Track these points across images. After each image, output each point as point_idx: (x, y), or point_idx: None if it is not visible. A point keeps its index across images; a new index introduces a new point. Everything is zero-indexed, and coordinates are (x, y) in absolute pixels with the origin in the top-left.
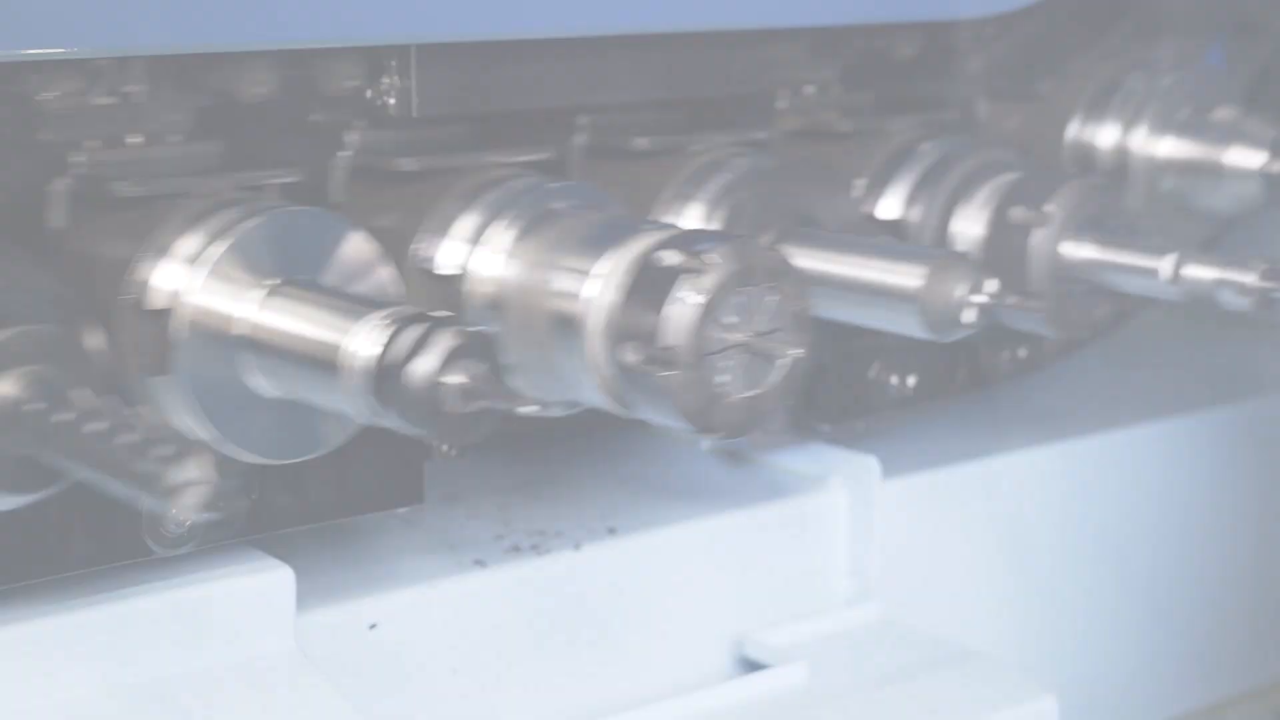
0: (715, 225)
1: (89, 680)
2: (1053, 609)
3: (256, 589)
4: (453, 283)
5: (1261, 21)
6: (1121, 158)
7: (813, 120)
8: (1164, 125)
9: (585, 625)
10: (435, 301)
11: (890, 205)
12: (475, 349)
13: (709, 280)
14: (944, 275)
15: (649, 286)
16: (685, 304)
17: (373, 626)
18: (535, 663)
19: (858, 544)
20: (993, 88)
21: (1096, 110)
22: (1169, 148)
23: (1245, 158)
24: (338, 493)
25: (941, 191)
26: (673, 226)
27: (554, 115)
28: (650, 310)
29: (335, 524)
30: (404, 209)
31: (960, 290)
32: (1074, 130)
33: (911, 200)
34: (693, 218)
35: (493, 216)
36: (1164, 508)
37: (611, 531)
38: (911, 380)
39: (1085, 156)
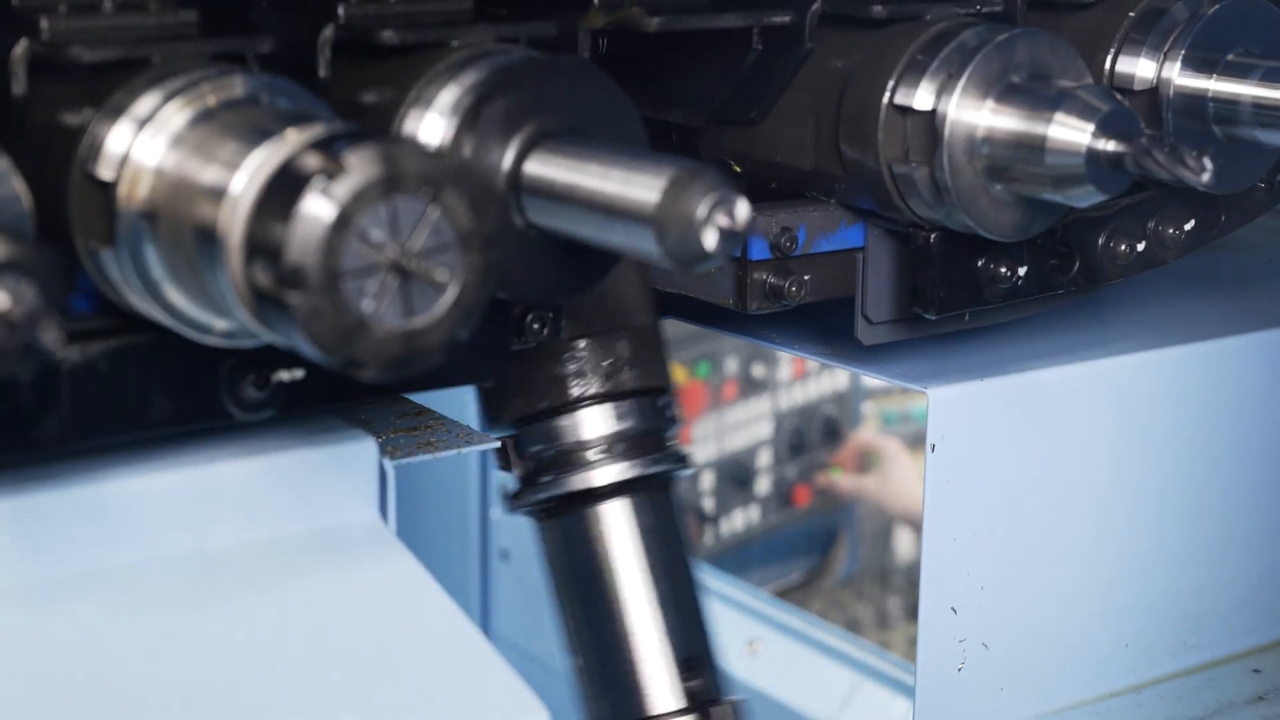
0: (452, 128)
1: (166, 545)
2: (1149, 518)
3: (339, 457)
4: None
5: None
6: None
7: None
8: None
9: None
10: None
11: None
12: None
13: (341, 187)
14: (684, 192)
15: (281, 194)
16: (312, 216)
17: None
18: None
19: None
20: None
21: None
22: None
23: None
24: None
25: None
26: (340, 125)
27: None
28: (279, 222)
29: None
30: None
31: (701, 210)
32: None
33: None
34: (431, 124)
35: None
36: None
37: None
38: (1022, 271)
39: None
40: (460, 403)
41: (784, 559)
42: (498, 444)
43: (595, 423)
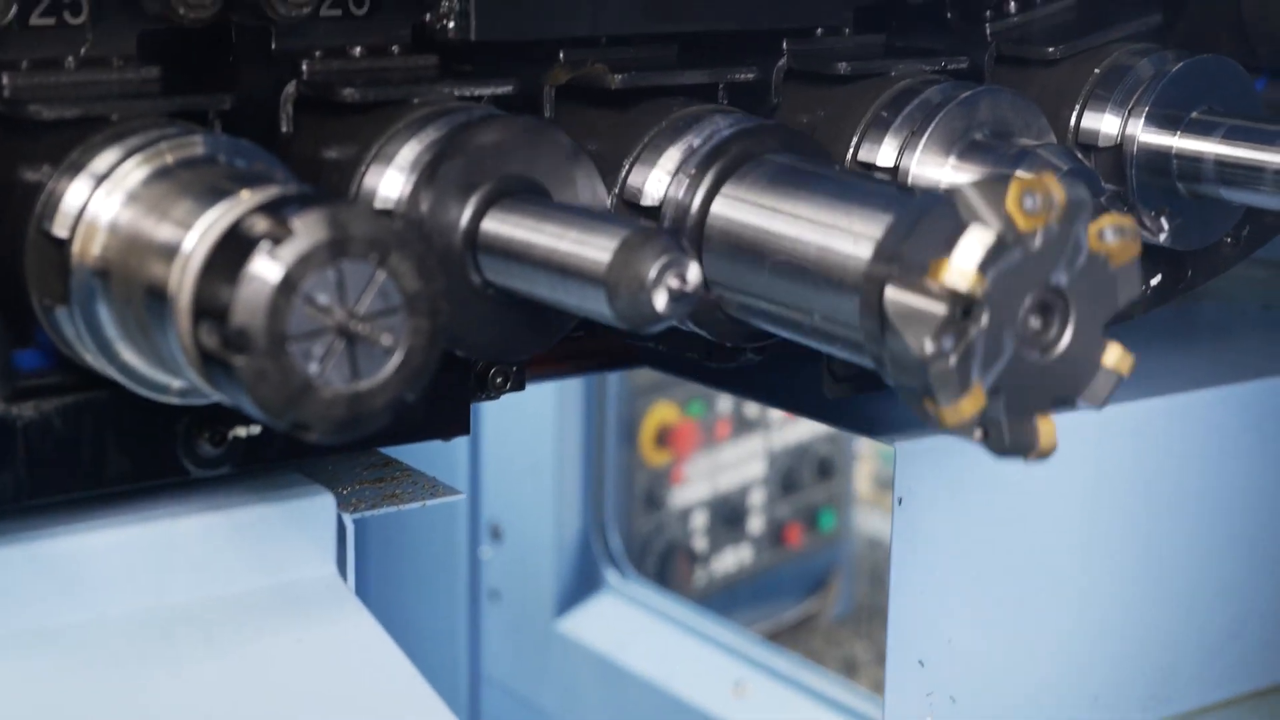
0: (410, 185)
1: (122, 600)
2: (1121, 570)
3: (296, 513)
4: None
5: None
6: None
7: None
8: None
9: None
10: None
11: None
12: None
13: (288, 251)
14: (635, 254)
15: (228, 257)
16: (259, 279)
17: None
18: None
19: None
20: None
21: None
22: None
23: None
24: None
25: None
26: (292, 187)
27: None
28: (226, 285)
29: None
30: None
31: (652, 272)
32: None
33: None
34: (390, 180)
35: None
36: (1242, 469)
37: None
38: None
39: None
40: (427, 453)
41: (776, 599)
42: (461, 495)
43: None
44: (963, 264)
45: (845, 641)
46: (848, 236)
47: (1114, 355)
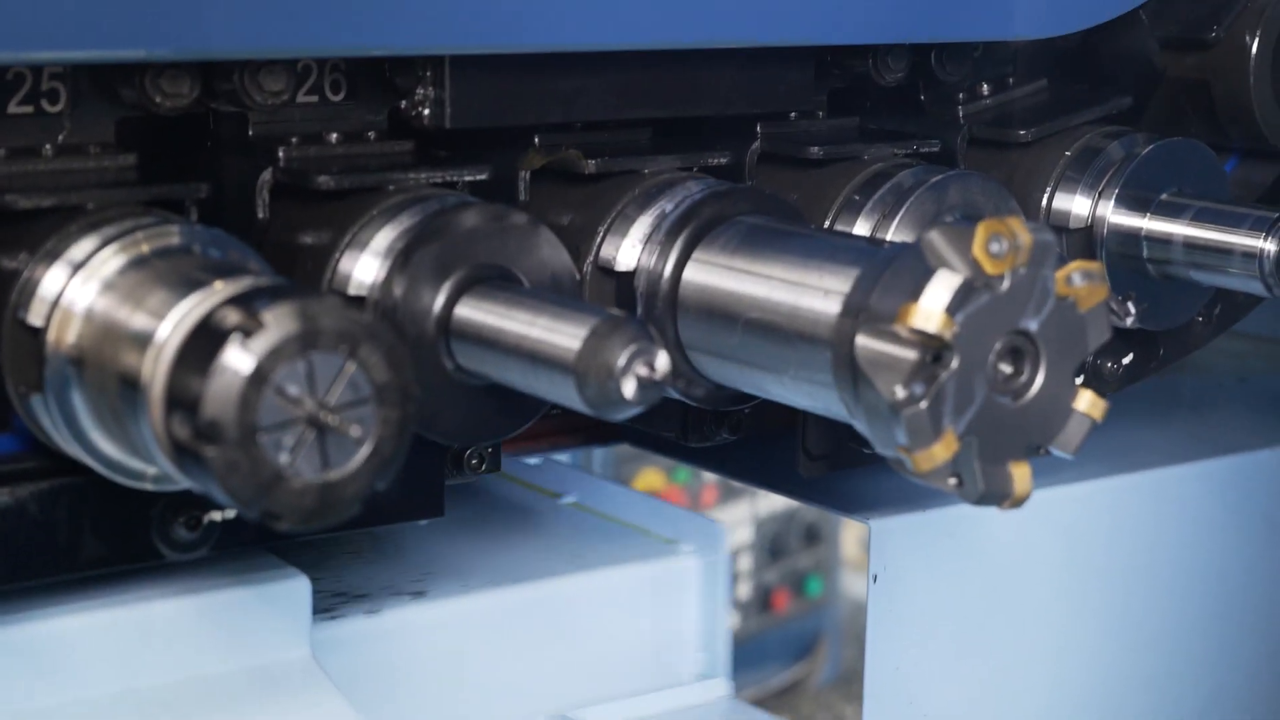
0: (384, 271)
1: (99, 684)
2: (1097, 647)
3: (271, 596)
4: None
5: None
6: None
7: None
8: None
9: (385, 696)
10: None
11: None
12: None
13: (259, 343)
14: (604, 342)
15: (200, 348)
16: (230, 371)
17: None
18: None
19: (706, 615)
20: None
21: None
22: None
23: None
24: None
25: None
26: (265, 279)
27: None
28: (198, 377)
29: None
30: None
31: (620, 360)
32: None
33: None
34: (365, 266)
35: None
36: (1219, 546)
37: (418, 594)
38: None
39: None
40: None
41: (765, 663)
42: None
43: None
44: (931, 307)
45: (834, 705)
46: (818, 293)
47: (1086, 400)
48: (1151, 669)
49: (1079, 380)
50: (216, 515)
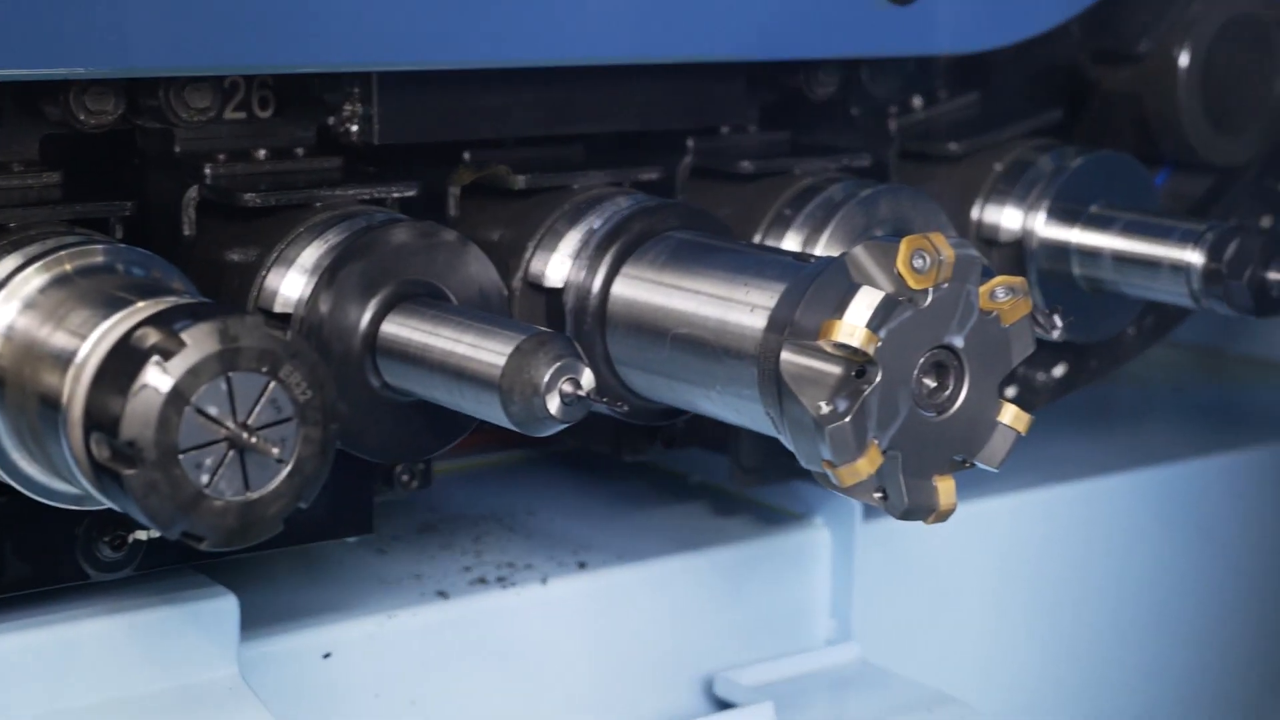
0: (311, 288)
1: (24, 705)
2: (1032, 656)
3: (198, 615)
4: None
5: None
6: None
7: None
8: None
9: (550, 660)
10: None
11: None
12: None
13: (178, 363)
14: (529, 359)
15: (119, 369)
16: (149, 391)
17: (327, 656)
18: (496, 697)
19: (838, 584)
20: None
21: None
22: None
23: None
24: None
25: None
26: (186, 299)
27: None
28: (117, 397)
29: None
30: None
31: (545, 377)
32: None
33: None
34: (292, 283)
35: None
36: (1152, 555)
37: (582, 565)
38: None
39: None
40: None
41: None
42: None
43: None
44: (854, 322)
45: None
46: (744, 308)
47: (1010, 414)
48: (1084, 678)
49: (1005, 394)
50: (142, 535)
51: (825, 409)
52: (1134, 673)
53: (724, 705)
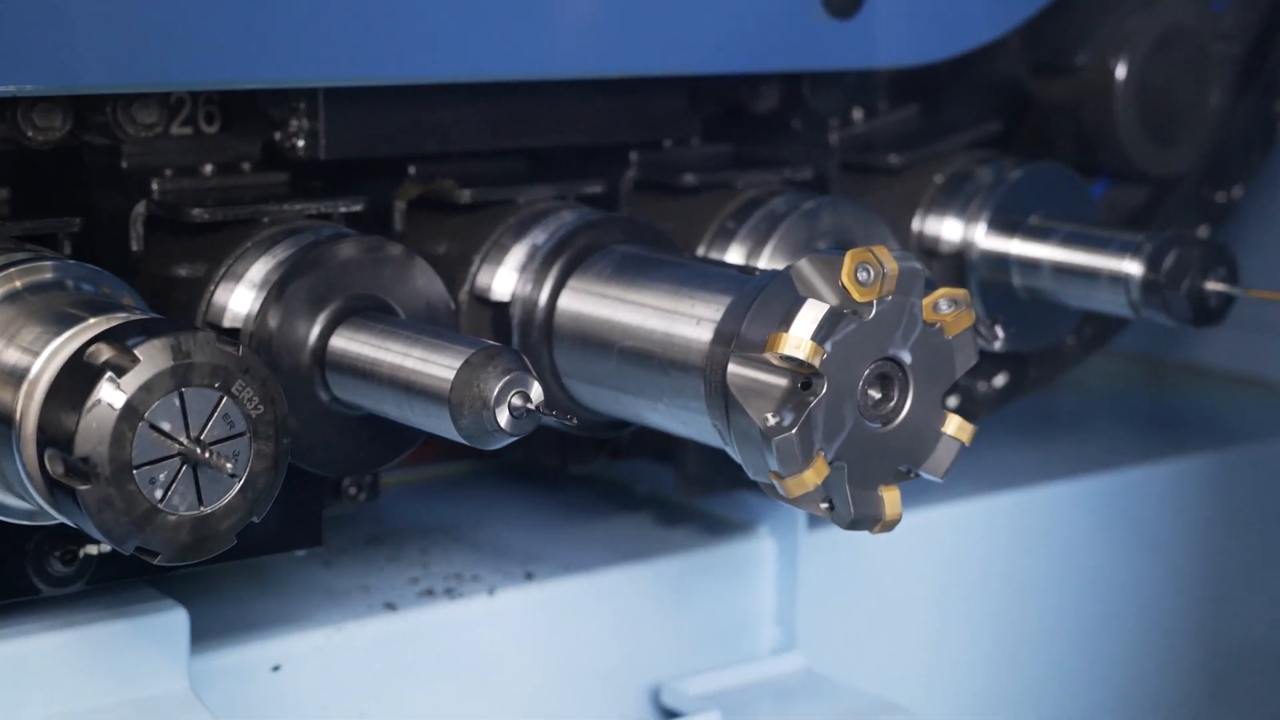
0: (259, 303)
1: None
2: (976, 664)
3: (149, 629)
4: None
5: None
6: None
7: None
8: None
9: (498, 671)
10: None
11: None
12: None
13: (131, 379)
14: (478, 372)
15: (73, 385)
16: (103, 407)
17: (276, 668)
18: (444, 708)
19: (783, 593)
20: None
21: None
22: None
23: None
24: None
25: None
26: (138, 315)
27: None
28: (71, 413)
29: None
30: None
31: (494, 390)
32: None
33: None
34: (240, 298)
35: None
36: (1094, 563)
37: (529, 576)
38: None
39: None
40: None
41: None
42: None
43: None
44: (800, 335)
45: None
46: (690, 320)
47: (954, 425)
48: (1027, 685)
49: (949, 404)
50: (93, 549)
51: (772, 421)
52: (1076, 680)
53: (671, 714)
